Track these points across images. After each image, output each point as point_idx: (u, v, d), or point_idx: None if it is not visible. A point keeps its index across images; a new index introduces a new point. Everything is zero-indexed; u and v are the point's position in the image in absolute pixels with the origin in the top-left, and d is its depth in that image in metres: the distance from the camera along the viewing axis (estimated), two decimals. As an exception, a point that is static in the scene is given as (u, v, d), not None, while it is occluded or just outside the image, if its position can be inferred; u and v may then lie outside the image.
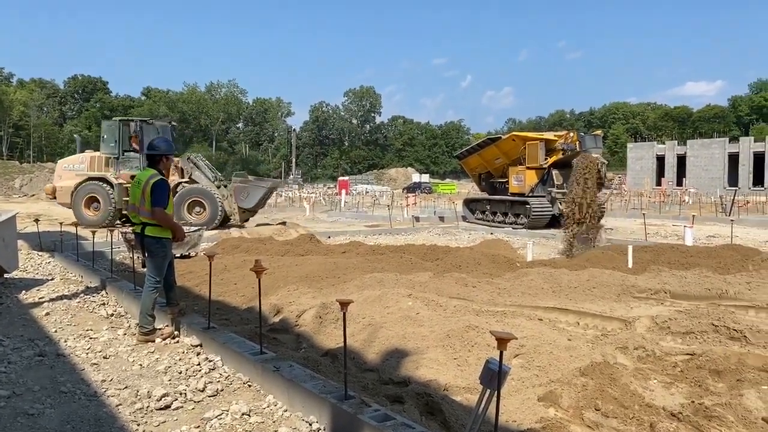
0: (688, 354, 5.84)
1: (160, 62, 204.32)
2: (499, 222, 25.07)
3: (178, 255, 12.95)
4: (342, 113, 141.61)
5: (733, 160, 66.49)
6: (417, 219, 26.81)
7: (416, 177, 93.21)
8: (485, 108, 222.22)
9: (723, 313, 7.01)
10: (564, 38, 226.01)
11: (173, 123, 25.02)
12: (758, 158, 64.35)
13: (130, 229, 9.92)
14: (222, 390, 5.27)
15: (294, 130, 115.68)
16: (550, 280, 9.52)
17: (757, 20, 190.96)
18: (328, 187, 79.37)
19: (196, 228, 14.68)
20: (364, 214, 32.28)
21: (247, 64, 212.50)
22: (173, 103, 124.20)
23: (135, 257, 10.34)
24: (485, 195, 27.52)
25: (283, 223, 22.77)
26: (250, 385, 5.38)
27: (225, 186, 22.17)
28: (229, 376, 5.63)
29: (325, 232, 20.73)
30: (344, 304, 4.24)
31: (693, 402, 4.61)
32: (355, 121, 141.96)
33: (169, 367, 5.89)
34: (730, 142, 70.39)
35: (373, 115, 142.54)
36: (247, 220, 22.58)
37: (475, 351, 5.70)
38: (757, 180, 63.64)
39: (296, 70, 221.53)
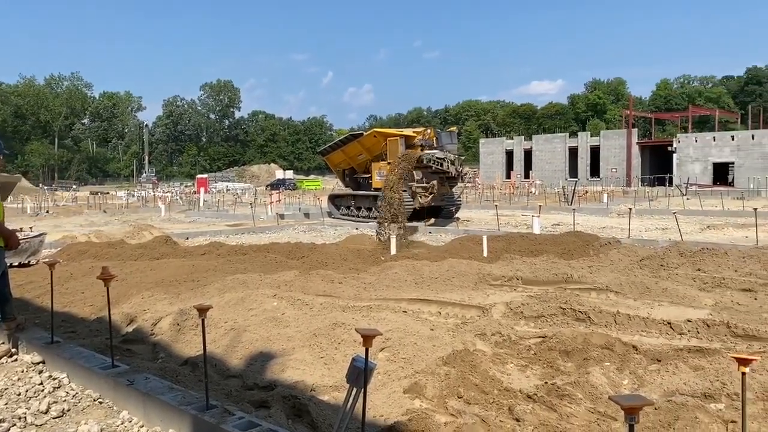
0: (540, 337, 6.22)
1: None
2: (364, 217, 25.38)
3: (16, 264, 11.77)
4: (198, 108, 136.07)
5: (573, 153, 72.37)
6: (281, 216, 26.46)
7: (280, 173, 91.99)
8: (347, 104, 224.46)
9: (569, 297, 7.56)
10: (420, 38, 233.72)
11: None
12: (594, 151, 70.55)
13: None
14: (69, 410, 4.82)
15: (146, 125, 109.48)
16: (413, 272, 9.75)
17: (592, 23, 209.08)
18: (186, 186, 76.13)
19: (37, 234, 13.40)
20: (225, 213, 31.32)
21: (92, 56, 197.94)
22: (6, 97, 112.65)
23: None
24: (350, 190, 27.75)
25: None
26: (101, 402, 4.97)
27: None
28: (77, 393, 5.16)
29: (183, 233, 19.82)
30: (202, 311, 4.03)
31: (546, 383, 4.90)
32: (213, 116, 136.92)
33: (6, 389, 5.30)
34: (570, 137, 76.50)
35: (232, 110, 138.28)
36: None
37: (343, 348, 5.69)
38: (594, 171, 69.75)
39: (147, 63, 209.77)
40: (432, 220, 23.50)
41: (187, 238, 18.76)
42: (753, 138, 57.29)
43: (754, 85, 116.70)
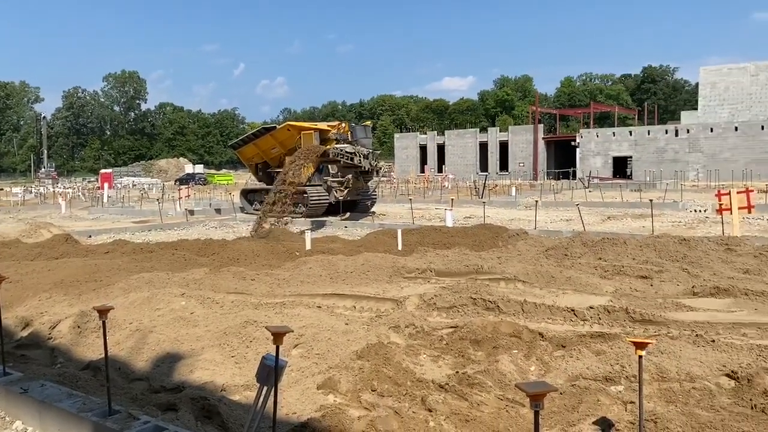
0: (452, 327, 6.34)
1: None
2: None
3: None
4: (102, 100, 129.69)
5: (483, 148, 74.44)
6: (191, 212, 25.64)
7: (189, 168, 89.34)
8: (260, 97, 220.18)
9: (479, 287, 7.75)
10: (334, 31, 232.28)
11: None
12: (503, 146, 72.86)
13: None
14: (-47, 424, 4.47)
15: (44, 117, 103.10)
16: (328, 267, 9.70)
17: (501, 21, 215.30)
18: (89, 181, 72.42)
19: None
20: (131, 209, 30.03)
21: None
22: None
23: None
24: (263, 185, 27.26)
25: None
26: (-9, 414, 4.63)
27: None
28: (-38, 406, 4.78)
29: (86, 231, 18.86)
30: (103, 312, 3.83)
31: (458, 372, 5.00)
32: (117, 109, 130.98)
33: None
34: (480, 132, 78.62)
35: (138, 102, 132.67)
36: None
37: (254, 346, 5.58)
38: (503, 165, 72.03)
39: (44, 52, 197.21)
40: (347, 215, 23.52)
41: (90, 237, 17.87)
42: (649, 133, 60.94)
43: (650, 83, 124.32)
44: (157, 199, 27.86)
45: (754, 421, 3.99)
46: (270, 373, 3.17)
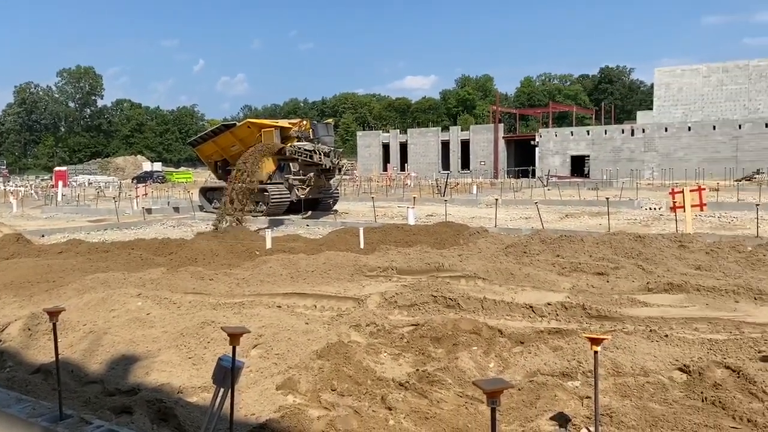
0: (412, 325, 6.35)
1: None
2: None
3: None
4: (56, 95, 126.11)
5: (445, 146, 74.96)
6: (149, 211, 25.15)
7: (147, 165, 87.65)
8: (220, 94, 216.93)
9: (440, 285, 7.80)
10: (295, 28, 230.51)
11: None
12: (464, 145, 73.49)
13: None
14: None
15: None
16: (288, 266, 9.62)
17: (462, 21, 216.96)
18: (42, 179, 70.39)
19: None
20: (86, 208, 29.30)
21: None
22: None
23: None
24: (223, 183, 26.88)
25: None
26: (-66, 422, 4.45)
27: None
28: None
29: (38, 231, 18.32)
30: (53, 314, 3.72)
31: (418, 370, 5.01)
32: (72, 105, 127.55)
33: None
34: (442, 131, 79.09)
35: (94, 98, 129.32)
36: None
37: (212, 347, 5.49)
38: (464, 164, 72.66)
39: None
40: (309, 213, 23.39)
41: (43, 236, 17.39)
42: (606, 133, 62.21)
43: (607, 83, 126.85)
44: (114, 198, 27.25)
45: (704, 414, 4.11)
46: (226, 374, 3.12)
